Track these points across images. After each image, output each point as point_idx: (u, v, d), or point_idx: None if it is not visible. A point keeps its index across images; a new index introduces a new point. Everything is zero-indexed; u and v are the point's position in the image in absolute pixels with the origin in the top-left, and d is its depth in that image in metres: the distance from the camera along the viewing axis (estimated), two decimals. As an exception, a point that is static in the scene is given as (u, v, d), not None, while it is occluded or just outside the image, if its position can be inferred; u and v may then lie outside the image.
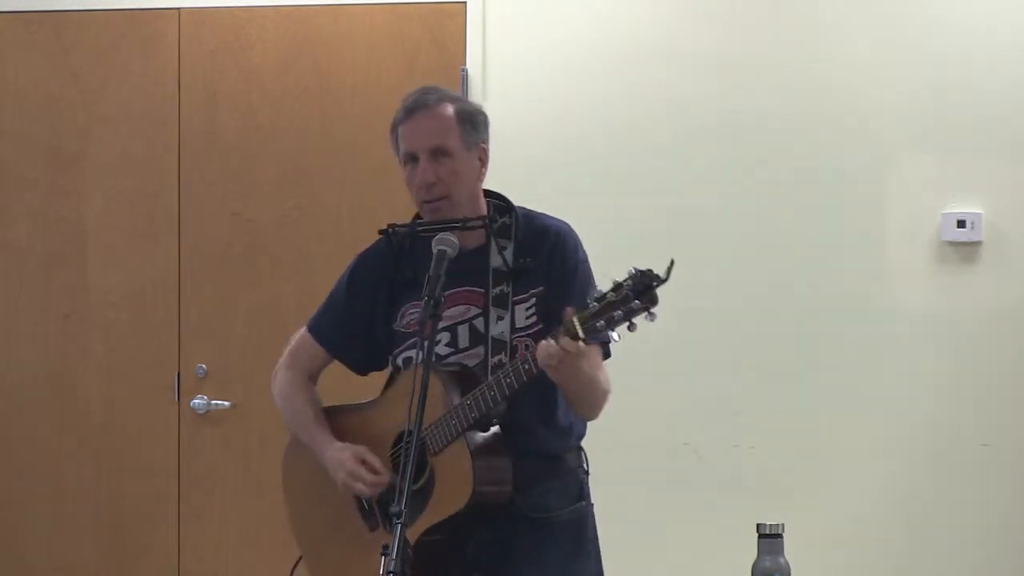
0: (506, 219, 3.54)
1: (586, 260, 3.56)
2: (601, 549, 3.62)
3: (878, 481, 5.34)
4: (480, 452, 3.37)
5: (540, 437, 3.50)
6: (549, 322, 3.42)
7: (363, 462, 3.51)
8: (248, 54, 5.70)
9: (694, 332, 5.31)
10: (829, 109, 5.39)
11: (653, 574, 5.24)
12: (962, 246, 5.32)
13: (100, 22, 5.76)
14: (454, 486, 3.37)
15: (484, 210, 3.55)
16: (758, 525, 3.11)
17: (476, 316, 3.49)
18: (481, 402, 3.34)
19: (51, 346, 5.78)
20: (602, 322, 3.14)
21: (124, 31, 5.75)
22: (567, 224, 3.58)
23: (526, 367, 3.28)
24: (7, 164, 5.80)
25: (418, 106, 3.51)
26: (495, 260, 3.49)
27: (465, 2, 5.56)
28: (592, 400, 3.46)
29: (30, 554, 5.78)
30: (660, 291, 3.58)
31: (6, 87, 5.80)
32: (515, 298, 3.48)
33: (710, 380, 5.37)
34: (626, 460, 5.23)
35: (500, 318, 3.47)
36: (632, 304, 3.10)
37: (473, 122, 3.53)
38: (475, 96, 5.47)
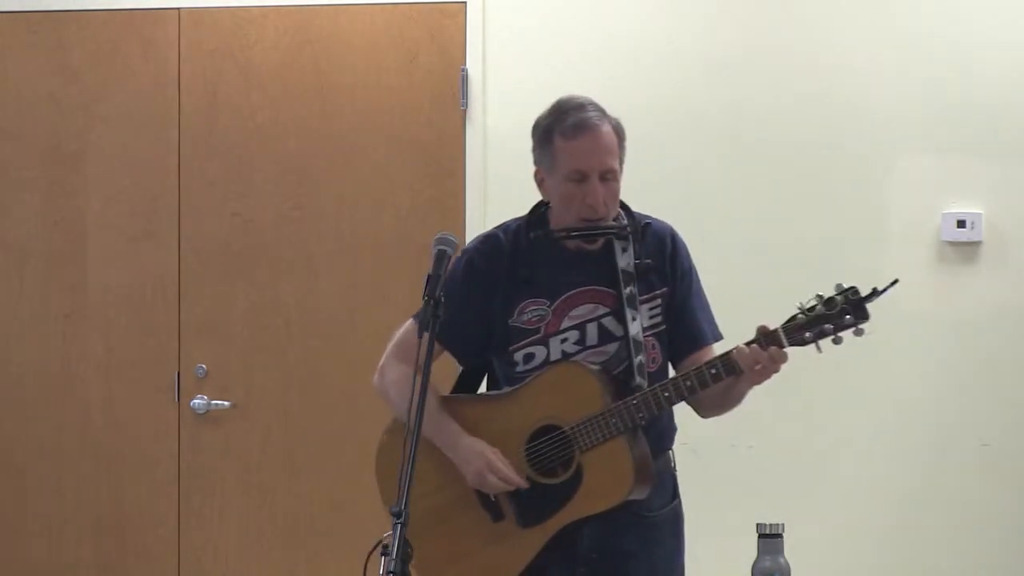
0: (622, 220, 3.65)
1: (693, 263, 3.74)
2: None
3: (878, 481, 5.34)
4: (639, 456, 3.47)
5: (649, 437, 3.56)
6: (670, 321, 3.62)
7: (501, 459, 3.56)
8: (248, 54, 5.70)
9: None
10: (829, 109, 5.39)
11: (653, 574, 5.24)
12: (962, 246, 5.32)
13: (100, 22, 5.76)
14: (610, 483, 3.46)
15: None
16: (758, 525, 3.11)
17: (605, 315, 3.59)
18: (653, 404, 3.45)
19: (51, 346, 5.78)
20: (810, 334, 3.34)
21: (124, 31, 5.75)
22: (671, 226, 3.74)
23: (713, 372, 3.41)
24: (7, 164, 5.80)
25: (587, 126, 3.57)
26: (622, 261, 3.59)
27: (465, 2, 5.56)
28: (737, 403, 3.59)
29: (30, 554, 5.78)
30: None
31: (6, 87, 5.80)
32: (640, 298, 3.59)
33: (710, 380, 5.36)
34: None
35: (634, 319, 3.56)
36: (845, 319, 3.30)
37: (623, 137, 3.64)
38: (475, 96, 5.47)
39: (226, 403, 5.70)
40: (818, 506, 5.29)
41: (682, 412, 5.35)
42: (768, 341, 3.39)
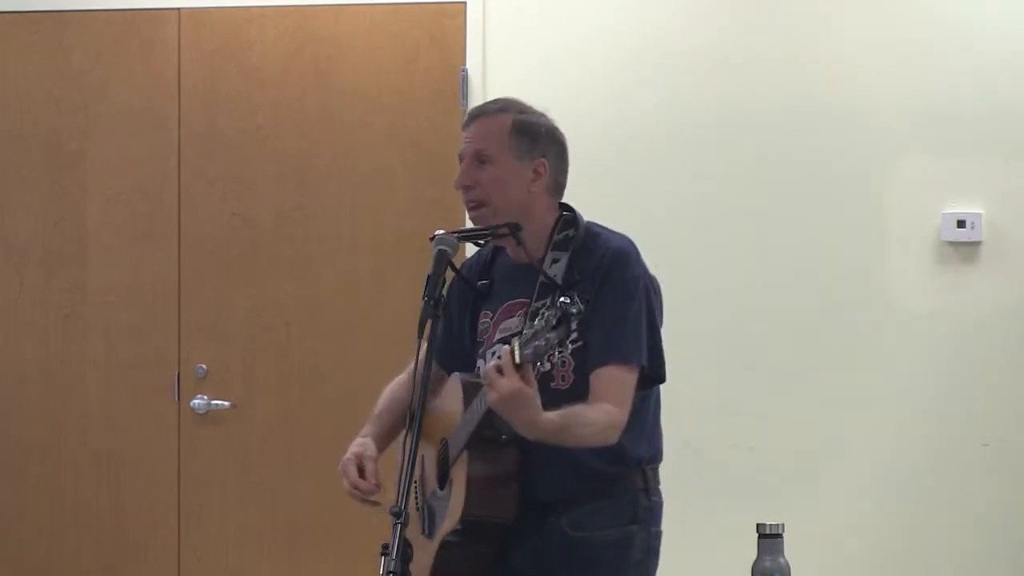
0: (569, 232, 3.50)
1: (637, 280, 3.46)
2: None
3: (878, 481, 5.34)
4: (478, 474, 3.32)
5: (583, 455, 3.39)
6: (589, 338, 3.38)
7: (359, 466, 3.52)
8: (248, 54, 5.70)
9: (694, 332, 5.31)
10: (829, 109, 5.39)
11: (653, 574, 5.24)
12: (962, 246, 5.32)
13: (100, 22, 5.76)
14: (455, 503, 3.36)
15: (544, 222, 3.50)
16: (758, 525, 3.10)
17: None
18: (469, 423, 3.32)
19: (51, 346, 5.77)
20: (530, 351, 3.08)
21: (124, 31, 5.75)
22: (628, 241, 3.53)
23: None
24: (7, 164, 5.80)
25: (478, 112, 3.54)
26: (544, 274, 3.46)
27: (465, 2, 5.56)
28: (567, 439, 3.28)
29: (30, 554, 5.78)
30: (661, 290, 3.59)
31: (6, 87, 5.80)
32: None
33: (710, 380, 5.37)
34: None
35: None
36: (548, 335, 3.05)
37: (531, 134, 3.48)
38: (475, 96, 5.46)
39: (226, 403, 5.70)
40: (818, 506, 5.30)
41: (684, 412, 5.37)
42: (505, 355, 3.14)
